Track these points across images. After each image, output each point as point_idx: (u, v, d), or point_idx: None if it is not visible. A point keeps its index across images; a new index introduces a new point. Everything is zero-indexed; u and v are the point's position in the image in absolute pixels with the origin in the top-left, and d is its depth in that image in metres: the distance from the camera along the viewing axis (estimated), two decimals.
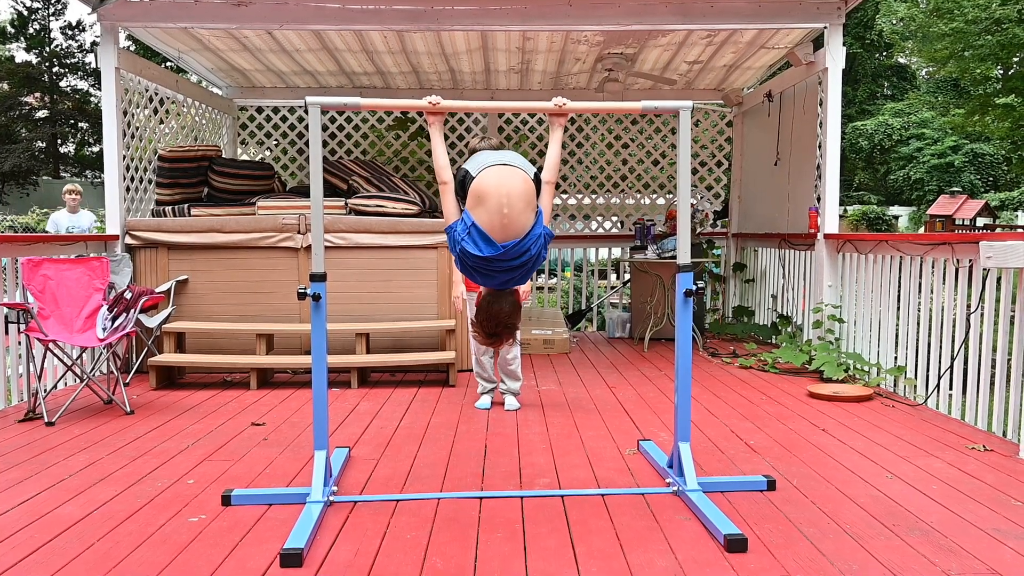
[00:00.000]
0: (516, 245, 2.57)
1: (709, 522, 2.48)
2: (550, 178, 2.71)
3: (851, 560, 2.27)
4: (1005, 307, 3.56)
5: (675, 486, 2.82)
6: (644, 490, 2.86)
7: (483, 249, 2.55)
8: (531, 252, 2.59)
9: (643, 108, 2.86)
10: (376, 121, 7.74)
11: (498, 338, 2.71)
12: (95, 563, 2.25)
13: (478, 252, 2.55)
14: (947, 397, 4.01)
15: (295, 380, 5.03)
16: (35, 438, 3.58)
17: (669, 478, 2.91)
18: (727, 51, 6.26)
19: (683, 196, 2.89)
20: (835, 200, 5.33)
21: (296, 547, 2.26)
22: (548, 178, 2.71)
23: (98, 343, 4.15)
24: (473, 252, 2.55)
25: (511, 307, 2.68)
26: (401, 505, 2.72)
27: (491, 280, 2.64)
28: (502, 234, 2.56)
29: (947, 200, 19.72)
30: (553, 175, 2.72)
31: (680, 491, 2.76)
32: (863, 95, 27.09)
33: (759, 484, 2.87)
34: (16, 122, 21.86)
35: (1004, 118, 18.27)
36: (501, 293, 2.68)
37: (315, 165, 2.73)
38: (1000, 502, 2.74)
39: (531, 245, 2.59)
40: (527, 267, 2.61)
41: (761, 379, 5.00)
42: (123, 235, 5.24)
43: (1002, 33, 15.70)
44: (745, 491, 2.84)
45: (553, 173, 2.73)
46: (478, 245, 2.55)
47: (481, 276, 2.65)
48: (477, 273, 2.63)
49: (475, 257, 2.56)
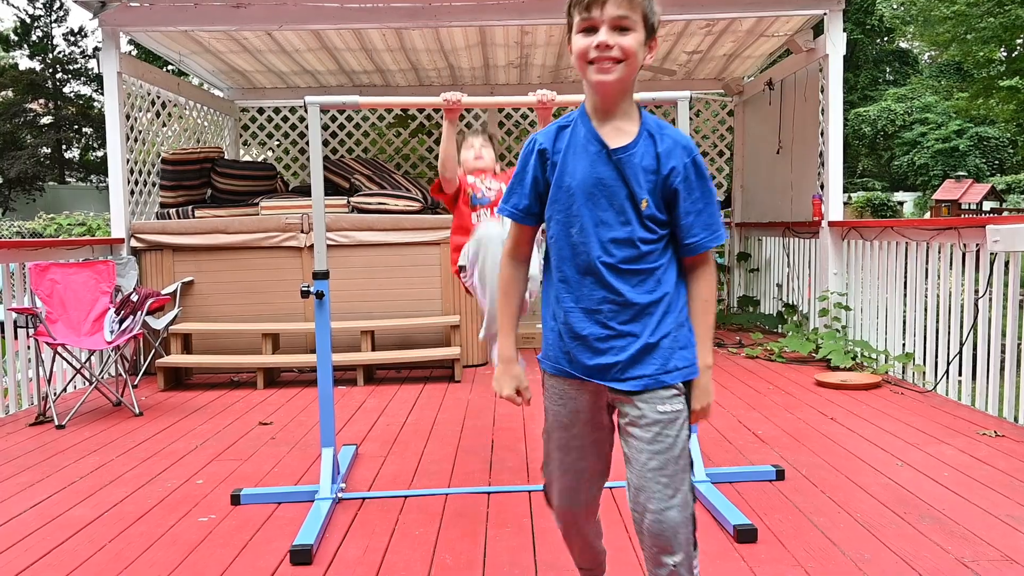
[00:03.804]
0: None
1: (718, 513, 2.47)
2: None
3: (863, 549, 2.26)
4: (1013, 291, 3.53)
5: None
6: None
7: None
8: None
9: (640, 100, 2.82)
10: (377, 119, 7.74)
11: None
12: (107, 564, 2.26)
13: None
14: (956, 383, 3.99)
15: (301, 379, 5.04)
16: (46, 441, 3.60)
17: None
18: (726, 40, 6.23)
19: None
20: (839, 187, 5.30)
21: (306, 543, 2.27)
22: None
23: (106, 346, 4.16)
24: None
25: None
26: (409, 501, 2.73)
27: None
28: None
29: (952, 184, 19.60)
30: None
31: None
32: (865, 81, 26.92)
33: (768, 474, 2.86)
34: (21, 129, 21.94)
35: (1008, 100, 18.15)
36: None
37: (315, 164, 2.74)
38: (1013, 488, 2.72)
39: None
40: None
41: (768, 369, 4.99)
42: (128, 238, 5.26)
43: (1004, 15, 15.57)
44: (754, 481, 2.83)
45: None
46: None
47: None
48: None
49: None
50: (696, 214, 1.51)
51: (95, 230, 11.30)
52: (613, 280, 1.49)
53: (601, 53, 1.45)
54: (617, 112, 1.52)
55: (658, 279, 1.51)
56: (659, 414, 1.49)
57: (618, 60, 1.46)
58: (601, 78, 1.46)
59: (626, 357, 1.49)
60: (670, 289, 1.52)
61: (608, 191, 1.49)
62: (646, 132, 1.51)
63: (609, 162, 1.50)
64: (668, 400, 1.50)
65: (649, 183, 1.49)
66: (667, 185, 1.50)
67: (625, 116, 1.52)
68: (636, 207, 1.49)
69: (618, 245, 1.49)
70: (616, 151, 1.50)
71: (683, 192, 1.50)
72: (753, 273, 7.29)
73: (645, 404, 1.49)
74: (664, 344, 1.49)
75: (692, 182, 1.51)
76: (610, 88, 1.48)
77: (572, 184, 1.51)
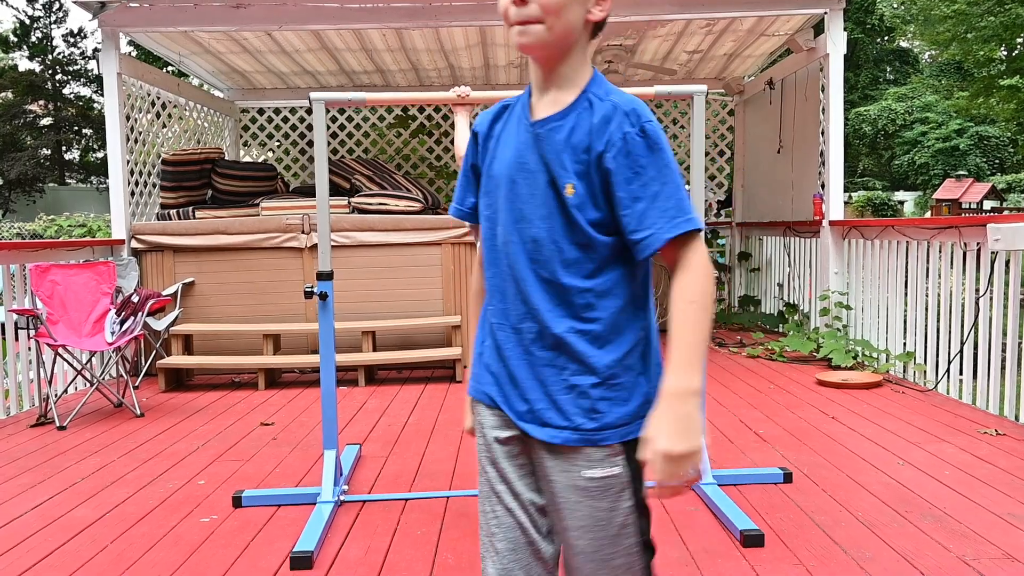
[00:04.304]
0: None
1: (724, 516, 2.44)
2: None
3: (864, 548, 2.26)
4: (1014, 290, 3.53)
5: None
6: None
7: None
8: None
9: (656, 93, 2.74)
10: (377, 119, 7.74)
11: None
12: (109, 565, 2.26)
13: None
14: (957, 382, 3.99)
15: (302, 379, 5.04)
16: (47, 442, 3.61)
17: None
18: (727, 40, 6.23)
19: (697, 183, 2.77)
20: (839, 186, 5.30)
21: (306, 550, 2.24)
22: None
23: (107, 347, 4.16)
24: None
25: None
26: (411, 502, 2.73)
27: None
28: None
29: (953, 184, 19.58)
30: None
31: (695, 485, 2.71)
32: (865, 80, 26.91)
33: (775, 477, 2.83)
34: (21, 130, 21.95)
35: (1009, 99, 18.14)
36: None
37: (320, 162, 2.73)
38: (1014, 486, 2.72)
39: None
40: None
41: (769, 368, 4.99)
42: (129, 239, 5.26)
43: (1005, 14, 15.56)
44: (761, 484, 2.82)
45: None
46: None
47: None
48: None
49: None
50: (650, 199, 1.10)
51: (95, 231, 11.29)
52: (532, 294, 1.15)
53: (519, 12, 1.13)
54: (557, 81, 1.17)
55: (589, 301, 1.13)
56: (585, 480, 1.14)
57: (539, 20, 1.13)
58: (520, 41, 1.15)
59: (540, 401, 1.17)
60: (605, 315, 1.13)
61: (530, 177, 1.16)
62: (586, 101, 1.15)
63: (532, 140, 1.17)
64: (601, 462, 1.13)
65: (579, 164, 1.13)
66: (603, 165, 1.12)
67: (566, 85, 1.17)
68: (560, 196, 1.13)
69: (538, 247, 1.15)
70: (536, 124, 1.17)
71: (625, 171, 1.11)
72: (754, 273, 7.29)
73: (566, 463, 1.15)
74: (594, 393, 1.13)
75: (637, 157, 1.11)
76: (533, 52, 1.17)
77: (499, 171, 1.21)
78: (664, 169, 1.11)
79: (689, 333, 1.08)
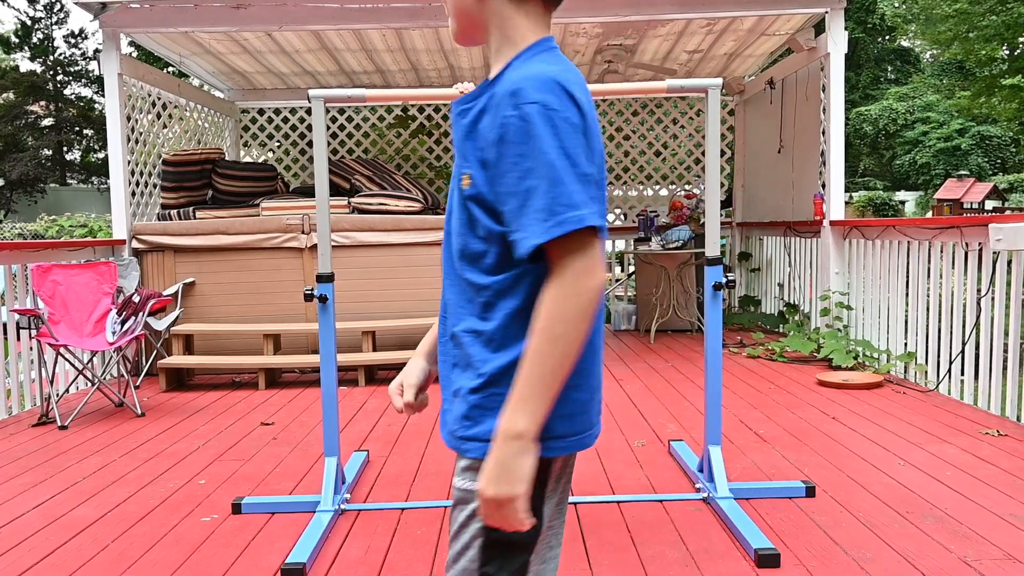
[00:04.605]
0: None
1: (737, 531, 2.33)
2: None
3: (865, 548, 2.26)
4: (1016, 290, 3.53)
5: (704, 492, 2.67)
6: (668, 496, 2.75)
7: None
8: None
9: (668, 88, 2.69)
10: (377, 120, 7.74)
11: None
12: (110, 564, 2.26)
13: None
14: (959, 382, 3.99)
15: (303, 379, 5.04)
16: (49, 442, 3.61)
17: (699, 483, 2.74)
18: (727, 39, 6.22)
19: (712, 181, 2.72)
20: (840, 186, 5.30)
21: (298, 561, 2.18)
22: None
23: (108, 347, 4.17)
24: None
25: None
26: (411, 501, 2.73)
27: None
28: None
29: (954, 184, 19.56)
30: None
31: (710, 498, 2.62)
32: (866, 80, 26.90)
33: (797, 491, 2.67)
34: (22, 131, 21.97)
35: (1011, 99, 18.12)
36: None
37: (320, 162, 2.71)
38: (1015, 487, 2.72)
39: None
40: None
41: (769, 368, 4.99)
42: (130, 239, 5.26)
43: (1007, 13, 15.55)
44: (781, 498, 2.65)
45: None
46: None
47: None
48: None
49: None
50: (523, 196, 0.93)
51: (96, 231, 11.31)
52: (447, 290, 1.09)
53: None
54: (492, 61, 1.07)
55: (488, 299, 1.01)
56: (455, 488, 1.06)
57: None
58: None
59: (447, 402, 1.09)
60: (500, 315, 1.00)
61: (456, 169, 1.06)
62: (499, 80, 1.00)
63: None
64: (462, 473, 1.05)
65: (477, 152, 1.00)
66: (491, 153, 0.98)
67: (497, 63, 1.05)
68: (460, 188, 1.03)
69: (450, 241, 1.07)
70: (455, 105, 1.07)
71: (502, 162, 0.95)
72: (754, 273, 7.28)
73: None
74: (471, 399, 1.02)
75: (512, 145, 0.94)
76: (459, 42, 1.11)
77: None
78: (541, 158, 0.92)
79: (526, 366, 0.93)
